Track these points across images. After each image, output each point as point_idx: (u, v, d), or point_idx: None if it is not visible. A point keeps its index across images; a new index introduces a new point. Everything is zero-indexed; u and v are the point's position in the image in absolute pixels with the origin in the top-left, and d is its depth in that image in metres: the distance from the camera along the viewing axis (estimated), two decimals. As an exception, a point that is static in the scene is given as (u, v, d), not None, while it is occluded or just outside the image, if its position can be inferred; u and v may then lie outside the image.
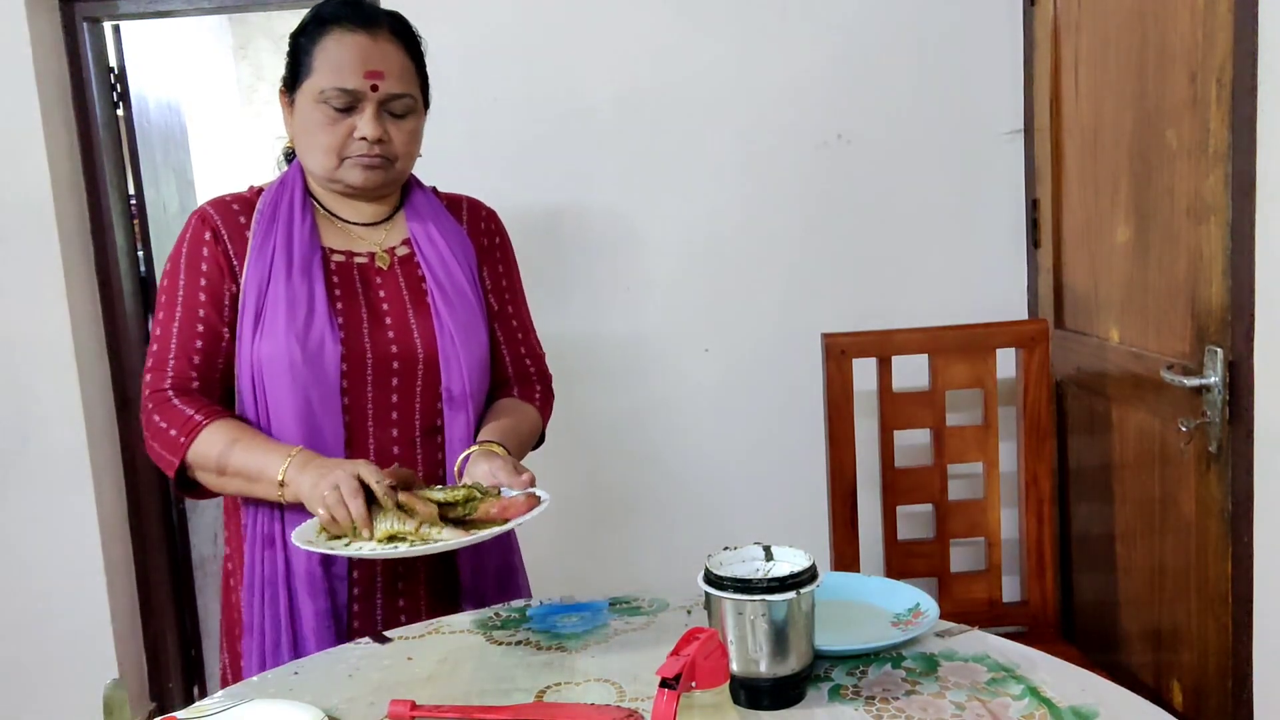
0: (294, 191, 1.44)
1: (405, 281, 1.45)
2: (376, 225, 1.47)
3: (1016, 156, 2.45)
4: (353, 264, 1.44)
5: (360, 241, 1.45)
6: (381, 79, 1.36)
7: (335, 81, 1.35)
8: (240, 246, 1.40)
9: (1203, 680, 1.75)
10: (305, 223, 1.42)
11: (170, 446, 1.35)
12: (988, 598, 2.05)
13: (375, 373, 1.39)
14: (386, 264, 1.45)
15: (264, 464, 1.30)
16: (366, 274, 1.43)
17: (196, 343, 1.39)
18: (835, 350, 2.02)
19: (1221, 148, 1.60)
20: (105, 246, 2.67)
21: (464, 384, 1.42)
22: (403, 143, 1.41)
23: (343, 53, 1.35)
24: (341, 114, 1.36)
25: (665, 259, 2.51)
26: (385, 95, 1.37)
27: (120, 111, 2.77)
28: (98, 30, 2.67)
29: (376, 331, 1.40)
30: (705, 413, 2.55)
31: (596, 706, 1.03)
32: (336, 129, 1.37)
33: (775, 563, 1.08)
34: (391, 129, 1.39)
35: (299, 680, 1.15)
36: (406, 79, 1.40)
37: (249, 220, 1.42)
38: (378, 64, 1.36)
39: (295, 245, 1.39)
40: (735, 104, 2.46)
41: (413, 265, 1.46)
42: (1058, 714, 0.99)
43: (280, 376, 1.35)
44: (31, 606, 2.60)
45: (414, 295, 1.44)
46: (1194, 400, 1.68)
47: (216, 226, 1.41)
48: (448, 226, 1.49)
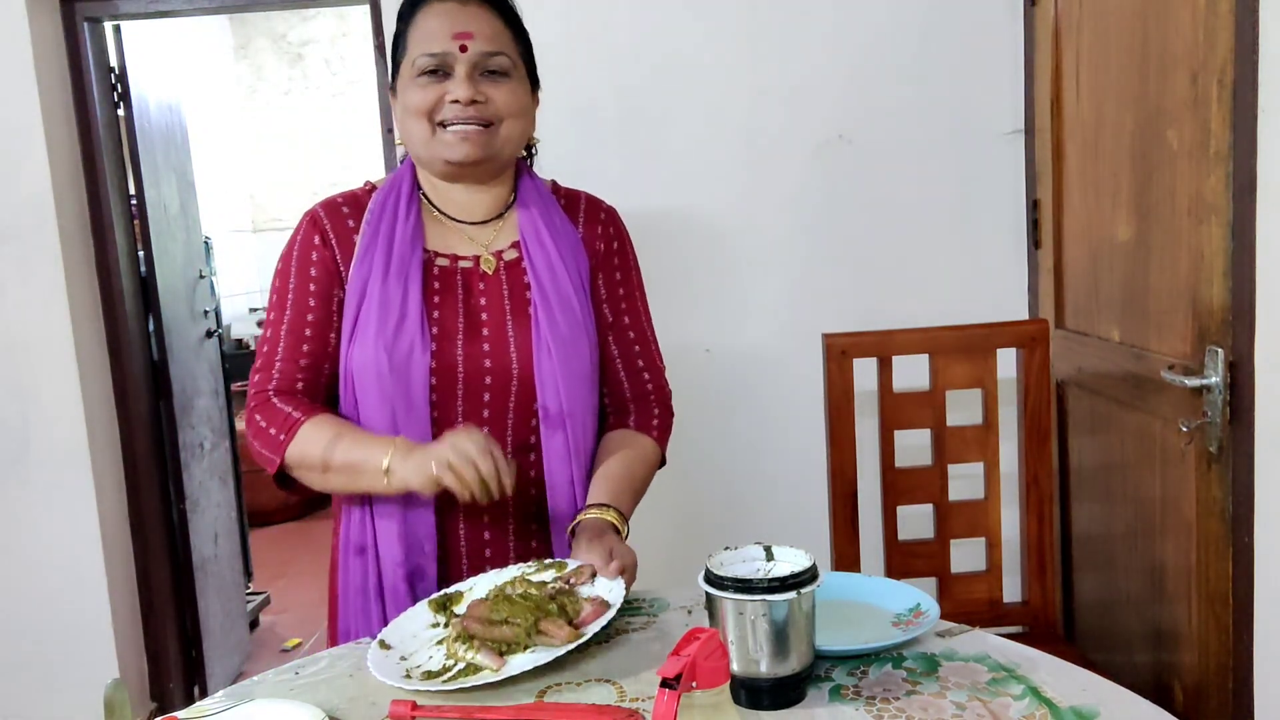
0: (401, 188, 1.40)
1: (509, 289, 1.38)
2: (486, 224, 1.42)
3: (1017, 157, 2.45)
4: (456, 268, 1.38)
5: (468, 243, 1.40)
6: (470, 38, 1.31)
7: (425, 48, 1.32)
8: (347, 249, 1.37)
9: (1203, 680, 1.75)
10: (409, 223, 1.37)
11: (271, 445, 1.33)
12: (988, 598, 2.05)
13: (466, 386, 1.34)
14: (492, 268, 1.39)
15: (367, 454, 1.27)
16: (470, 279, 1.38)
17: (304, 346, 1.37)
18: (836, 350, 2.02)
19: (1222, 148, 1.60)
20: (105, 246, 2.68)
21: (560, 402, 1.35)
22: (504, 103, 1.33)
23: (431, 21, 1.32)
24: (434, 82, 1.32)
25: (665, 259, 2.51)
26: (476, 54, 1.32)
27: (121, 112, 2.77)
28: (98, 30, 2.67)
29: (471, 343, 1.34)
30: (706, 413, 2.55)
31: (597, 706, 1.03)
32: (428, 95, 1.32)
33: (776, 563, 1.08)
34: (488, 89, 1.33)
35: (300, 680, 1.15)
36: (501, 40, 1.34)
37: (358, 222, 1.38)
38: (466, 25, 1.32)
39: (395, 247, 1.35)
40: (736, 104, 2.46)
41: (519, 271, 1.39)
42: (1058, 714, 0.99)
43: (369, 385, 1.32)
44: (31, 606, 2.61)
45: (516, 304, 1.38)
46: (1195, 400, 1.68)
47: (325, 230, 1.38)
48: (560, 227, 1.42)
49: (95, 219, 2.67)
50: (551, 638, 1.12)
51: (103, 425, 2.67)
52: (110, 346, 2.71)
